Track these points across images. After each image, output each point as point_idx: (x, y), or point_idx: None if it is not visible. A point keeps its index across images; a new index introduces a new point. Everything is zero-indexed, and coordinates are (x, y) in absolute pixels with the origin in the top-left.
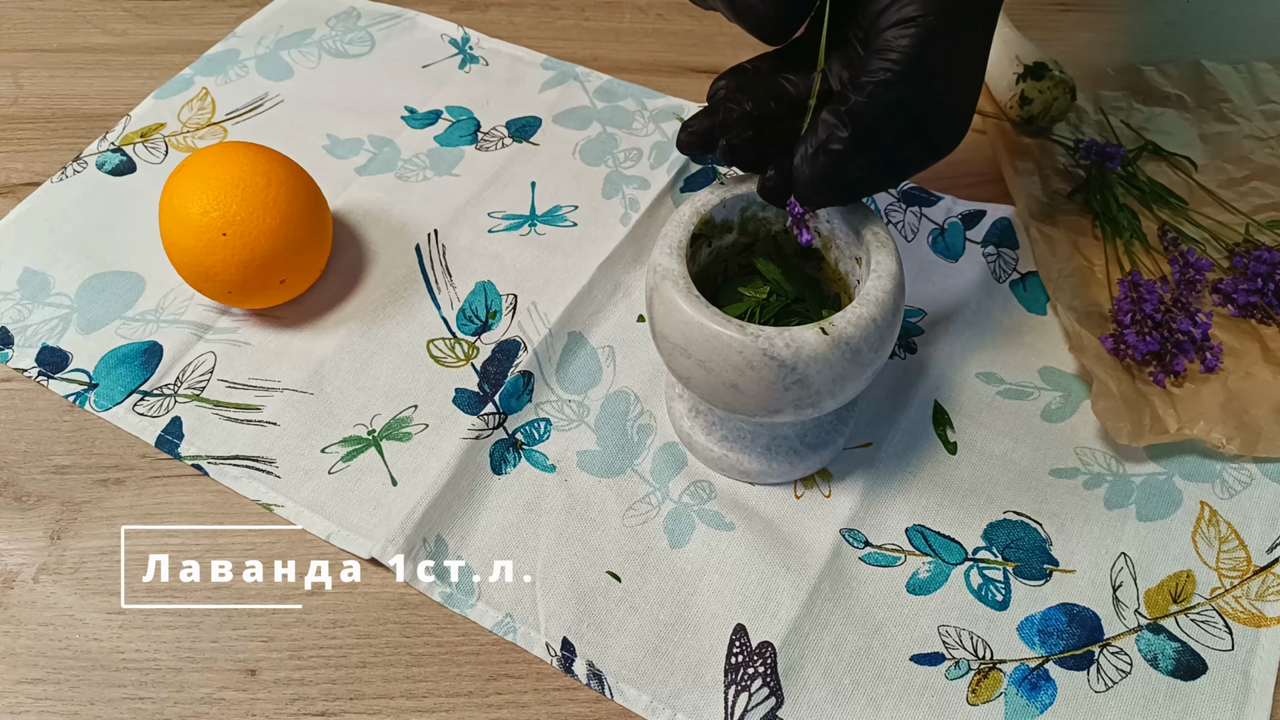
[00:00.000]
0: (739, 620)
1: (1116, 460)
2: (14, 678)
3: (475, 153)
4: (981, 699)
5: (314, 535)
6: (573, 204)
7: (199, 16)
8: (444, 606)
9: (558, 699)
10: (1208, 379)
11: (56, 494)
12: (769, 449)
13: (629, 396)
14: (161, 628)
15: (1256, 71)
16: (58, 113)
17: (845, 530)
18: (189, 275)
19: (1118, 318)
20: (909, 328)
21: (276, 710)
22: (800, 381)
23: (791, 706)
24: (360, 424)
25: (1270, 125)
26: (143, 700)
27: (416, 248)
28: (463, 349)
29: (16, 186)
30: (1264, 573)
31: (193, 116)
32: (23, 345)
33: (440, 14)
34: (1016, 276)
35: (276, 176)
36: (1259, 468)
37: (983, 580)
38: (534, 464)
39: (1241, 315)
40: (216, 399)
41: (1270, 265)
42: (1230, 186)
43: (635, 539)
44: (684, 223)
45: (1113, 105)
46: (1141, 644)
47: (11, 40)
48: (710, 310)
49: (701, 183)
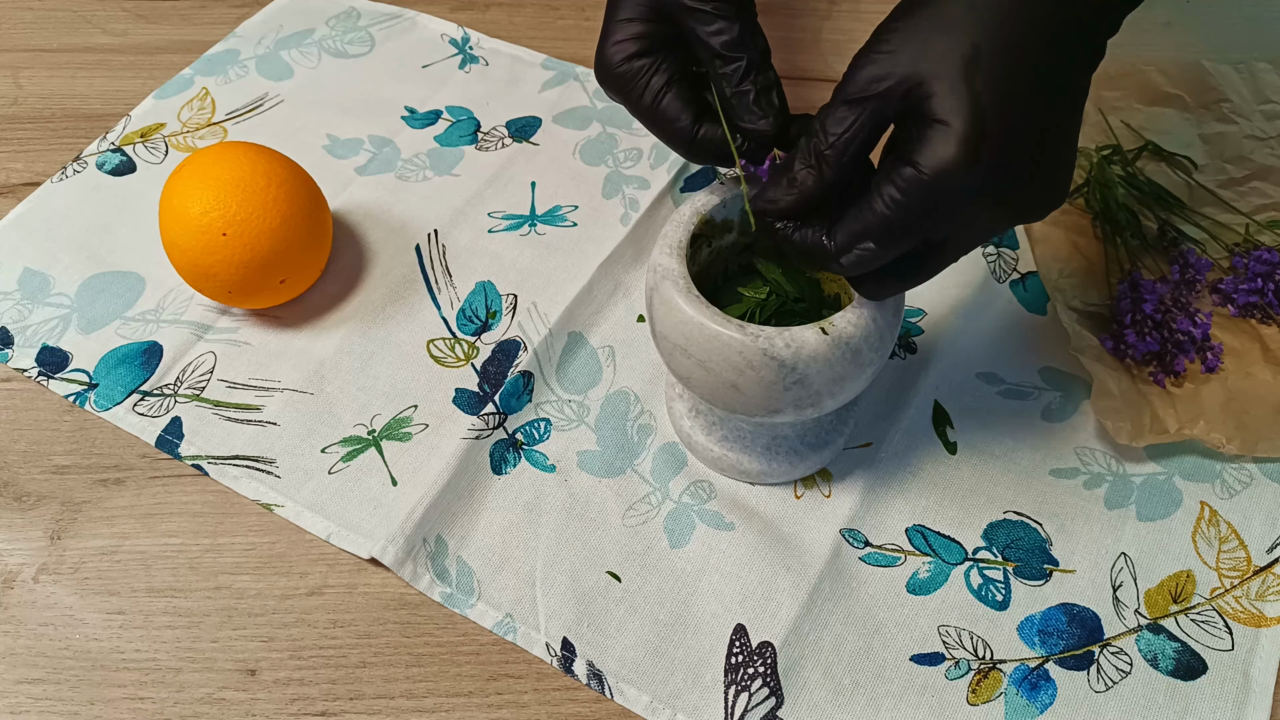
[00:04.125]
0: (739, 620)
1: (1116, 460)
2: (14, 678)
3: (475, 153)
4: (981, 699)
5: (314, 535)
6: (573, 204)
7: (199, 16)
8: (444, 606)
9: (558, 699)
10: (1208, 379)
11: (56, 494)
12: (769, 449)
13: (629, 396)
14: (161, 628)
15: (1256, 71)
16: (58, 113)
17: (845, 530)
18: (189, 275)
19: (1118, 318)
20: (909, 328)
21: (276, 710)
22: (800, 381)
23: (791, 706)
24: (360, 424)
25: (1270, 125)
26: (143, 700)
27: (416, 248)
28: (463, 349)
29: (16, 186)
30: (1264, 573)
31: (193, 116)
32: (23, 345)
33: (440, 14)
34: (1016, 276)
35: (276, 176)
36: (1259, 468)
37: (983, 580)
38: (534, 464)
39: (1241, 315)
40: (216, 399)
41: (1270, 265)
42: (1230, 186)
43: (635, 539)
44: (684, 223)
45: (1113, 105)
46: (1141, 644)
47: (11, 40)
48: (710, 310)
49: (701, 183)
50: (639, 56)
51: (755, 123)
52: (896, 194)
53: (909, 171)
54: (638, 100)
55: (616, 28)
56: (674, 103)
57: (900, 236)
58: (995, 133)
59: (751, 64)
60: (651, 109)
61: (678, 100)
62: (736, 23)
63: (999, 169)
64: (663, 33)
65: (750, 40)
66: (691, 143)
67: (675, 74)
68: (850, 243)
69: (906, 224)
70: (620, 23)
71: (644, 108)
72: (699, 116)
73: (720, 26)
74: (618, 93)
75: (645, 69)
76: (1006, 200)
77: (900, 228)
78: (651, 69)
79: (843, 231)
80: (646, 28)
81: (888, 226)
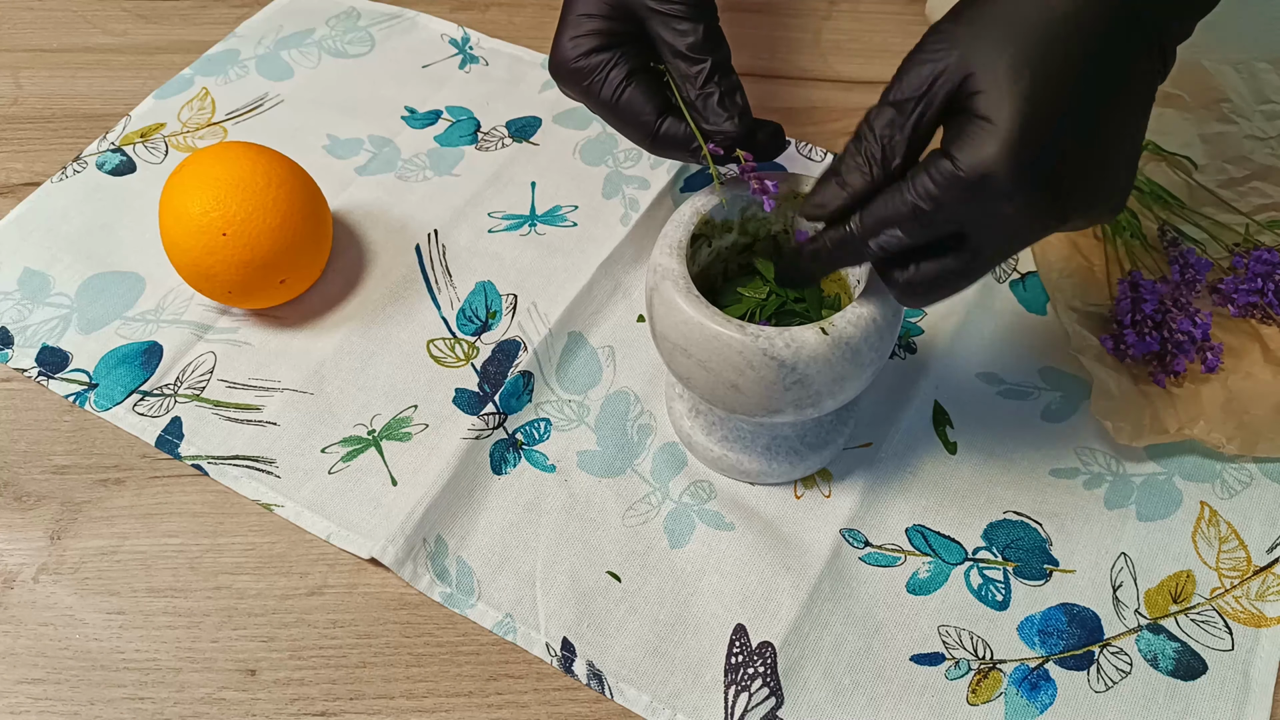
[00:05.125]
0: (739, 620)
1: (1116, 460)
2: (14, 678)
3: (475, 153)
4: (981, 699)
5: (314, 535)
6: (573, 204)
7: (199, 16)
8: (444, 606)
9: (558, 699)
10: (1208, 379)
11: (56, 494)
12: (769, 449)
13: (629, 396)
14: (161, 628)
15: (1256, 71)
16: (58, 113)
17: (845, 530)
18: (189, 275)
19: (1118, 318)
20: (909, 328)
21: (276, 710)
22: (800, 381)
23: (791, 706)
24: (360, 424)
25: (1270, 125)
26: (143, 700)
27: (416, 248)
28: (463, 349)
29: (16, 186)
30: (1264, 573)
31: (193, 116)
32: (23, 345)
33: (440, 14)
34: (1016, 276)
35: (276, 176)
36: (1259, 468)
37: (983, 580)
38: (534, 464)
39: (1241, 315)
40: (216, 399)
41: (1270, 265)
42: (1230, 186)
43: (635, 539)
44: (684, 223)
45: None
46: (1141, 644)
47: (11, 40)
48: (710, 310)
49: (701, 183)
50: (598, 51)
51: (721, 124)
52: (931, 186)
53: (946, 165)
54: (597, 94)
55: (574, 23)
56: (636, 96)
57: (931, 229)
58: (1039, 134)
59: (716, 66)
60: (612, 103)
61: (639, 94)
62: (700, 24)
63: (1041, 174)
64: (620, 30)
65: (714, 43)
66: (655, 137)
67: (635, 68)
68: (877, 227)
69: (936, 217)
70: (579, 18)
71: (604, 102)
72: (661, 110)
73: (685, 28)
74: (574, 87)
75: (604, 64)
76: (1047, 207)
77: (928, 219)
78: (610, 63)
79: (871, 215)
80: (605, 24)
81: (916, 216)
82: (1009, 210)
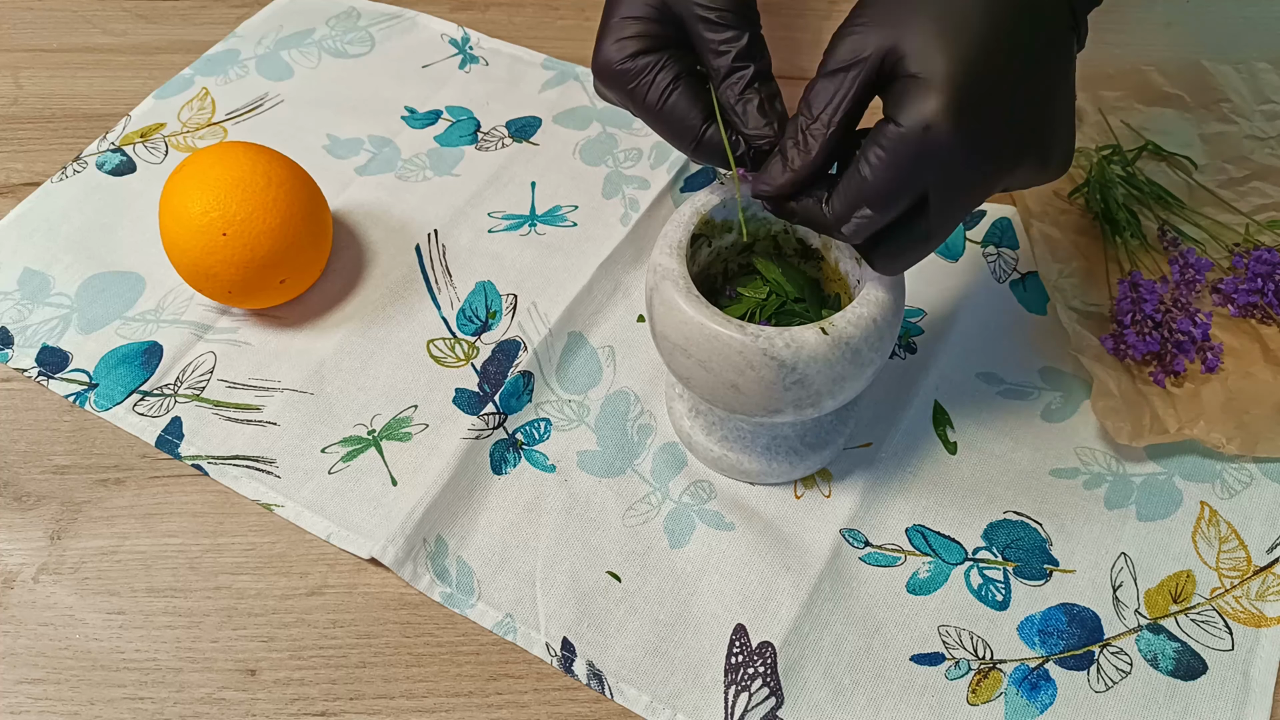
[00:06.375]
0: (739, 620)
1: (1116, 460)
2: (14, 678)
3: (475, 153)
4: (981, 699)
5: (314, 535)
6: (573, 204)
7: (199, 16)
8: (444, 606)
9: (558, 699)
10: (1208, 379)
11: (56, 494)
12: (769, 449)
13: (629, 396)
14: (161, 628)
15: (1256, 71)
16: (58, 113)
17: (845, 530)
18: (189, 275)
19: (1118, 318)
20: (909, 328)
21: (276, 710)
22: (800, 381)
23: (791, 706)
24: (360, 424)
25: (1270, 125)
26: (143, 700)
27: (416, 248)
28: (463, 349)
29: (16, 186)
30: (1264, 573)
31: (193, 116)
32: (23, 345)
33: (440, 14)
34: (1016, 276)
35: (276, 176)
36: (1259, 468)
37: (983, 580)
38: (534, 464)
39: (1241, 315)
40: (216, 399)
41: (1270, 265)
42: (1230, 186)
43: (635, 539)
44: (684, 223)
45: (1113, 105)
46: (1141, 644)
47: (11, 40)
48: (710, 310)
49: (701, 183)
50: (643, 54)
51: (760, 129)
52: (881, 153)
53: (890, 129)
54: (643, 98)
55: (618, 25)
56: (682, 100)
57: (893, 197)
58: (970, 82)
59: (758, 73)
60: (657, 107)
61: (685, 99)
62: (746, 32)
63: (979, 119)
64: (665, 33)
65: (757, 51)
66: (699, 142)
67: (681, 72)
68: (847, 210)
69: (895, 182)
70: (622, 20)
71: (649, 105)
72: (706, 116)
73: (730, 35)
74: (619, 90)
75: (650, 66)
76: (993, 154)
77: (890, 187)
78: (657, 66)
79: (838, 200)
80: (649, 27)
81: (877, 188)
82: (956, 158)
